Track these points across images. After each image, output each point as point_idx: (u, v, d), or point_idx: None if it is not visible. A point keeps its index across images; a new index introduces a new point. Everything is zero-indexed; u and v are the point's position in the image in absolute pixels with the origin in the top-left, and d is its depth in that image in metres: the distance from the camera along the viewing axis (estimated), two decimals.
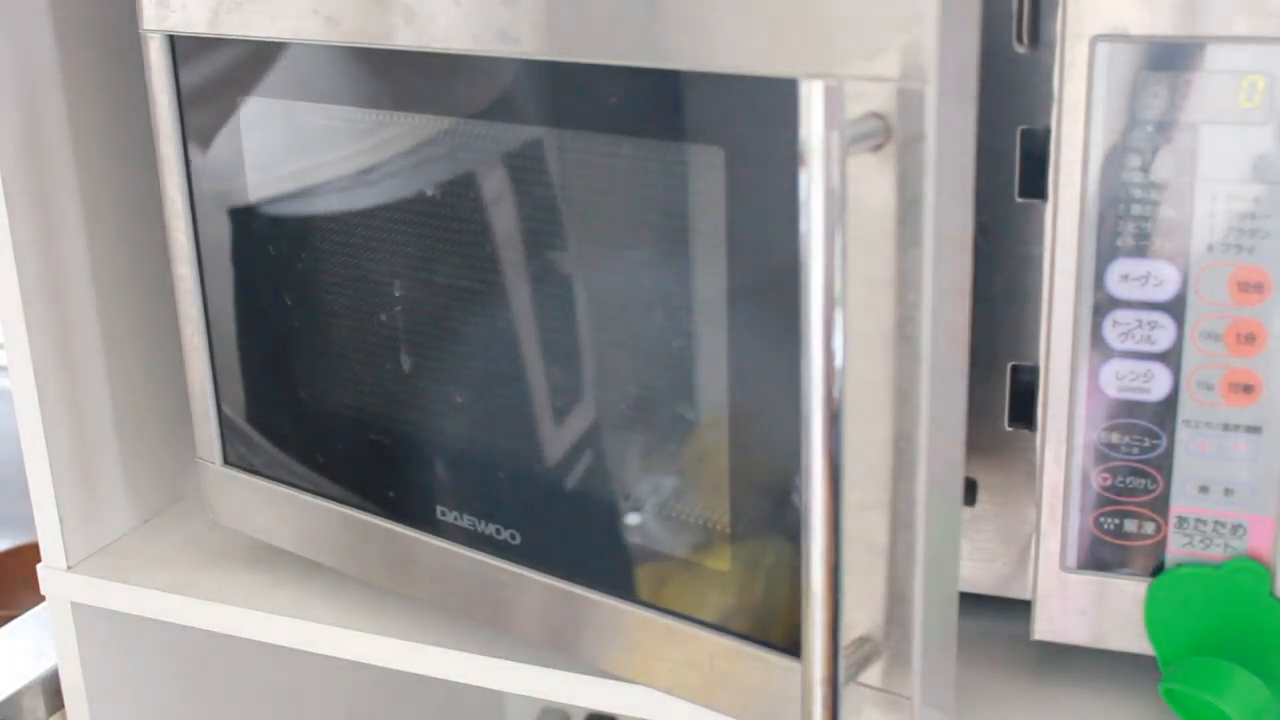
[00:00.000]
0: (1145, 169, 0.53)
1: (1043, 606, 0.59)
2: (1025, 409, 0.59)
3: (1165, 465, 0.56)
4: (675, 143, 0.53)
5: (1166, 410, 0.55)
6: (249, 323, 0.71)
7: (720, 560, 0.57)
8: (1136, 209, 0.54)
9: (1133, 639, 0.58)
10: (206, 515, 0.78)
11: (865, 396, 0.51)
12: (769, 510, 0.55)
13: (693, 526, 0.58)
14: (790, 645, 0.56)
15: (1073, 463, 0.57)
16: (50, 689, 0.87)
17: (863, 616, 0.53)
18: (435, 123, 0.60)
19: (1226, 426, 0.55)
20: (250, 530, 0.76)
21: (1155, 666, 0.58)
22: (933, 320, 0.49)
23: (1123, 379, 0.56)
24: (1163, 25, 0.51)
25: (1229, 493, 0.55)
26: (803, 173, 0.45)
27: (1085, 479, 0.57)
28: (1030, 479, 0.59)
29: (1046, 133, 0.55)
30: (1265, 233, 0.52)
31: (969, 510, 0.61)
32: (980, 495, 0.61)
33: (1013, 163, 0.56)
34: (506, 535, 0.64)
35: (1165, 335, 0.55)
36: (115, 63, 0.77)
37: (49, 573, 0.78)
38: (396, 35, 0.60)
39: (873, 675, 0.54)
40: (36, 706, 0.86)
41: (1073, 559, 0.58)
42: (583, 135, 0.56)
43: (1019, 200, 0.57)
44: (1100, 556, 0.58)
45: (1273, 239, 0.52)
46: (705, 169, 0.53)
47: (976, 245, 0.55)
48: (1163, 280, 0.54)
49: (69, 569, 0.78)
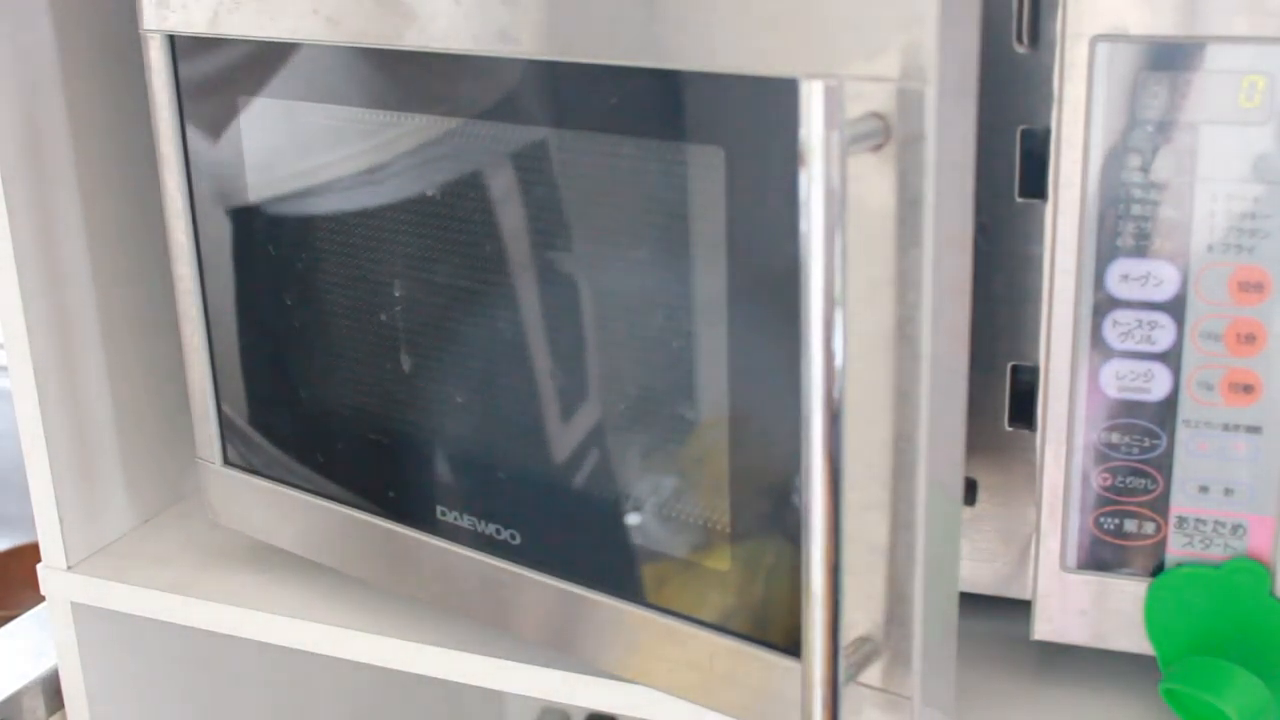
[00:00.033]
0: (1145, 169, 0.53)
1: (1043, 606, 0.59)
2: (1025, 409, 0.59)
3: (1165, 465, 0.56)
4: (675, 143, 0.53)
5: (1166, 410, 0.55)
6: (249, 323, 0.71)
7: (720, 560, 0.57)
8: (1136, 209, 0.54)
9: (1133, 639, 0.58)
10: (206, 515, 0.78)
11: (865, 396, 0.51)
12: (769, 510, 0.55)
13: (693, 526, 0.58)
14: (790, 645, 0.56)
15: (1073, 463, 0.57)
16: (50, 689, 0.87)
17: (863, 616, 0.53)
18: (435, 123, 0.60)
19: (1226, 426, 0.55)
20: (250, 530, 0.76)
21: (1155, 666, 0.58)
22: (933, 320, 0.49)
23: (1123, 379, 0.56)
24: (1163, 25, 0.51)
25: (1229, 493, 0.55)
26: (803, 173, 0.45)
27: (1085, 479, 0.57)
28: (1030, 479, 0.59)
29: (1046, 133, 0.55)
30: (1265, 233, 0.52)
31: (969, 510, 0.61)
32: (980, 495, 0.61)
33: (1013, 163, 0.56)
34: (507, 535, 0.64)
35: (1165, 335, 0.55)
36: (115, 63, 0.77)
37: (49, 573, 0.78)
38: (397, 35, 0.60)
39: (873, 675, 0.54)
40: (36, 706, 0.86)
41: (1073, 559, 0.58)
42: (582, 135, 0.56)
43: (1019, 200, 0.57)
44: (1100, 556, 0.58)
45: (1273, 239, 0.52)
46: (705, 169, 0.53)
47: (976, 245, 0.55)
48: (1163, 280, 0.54)
49: (69, 569, 0.77)
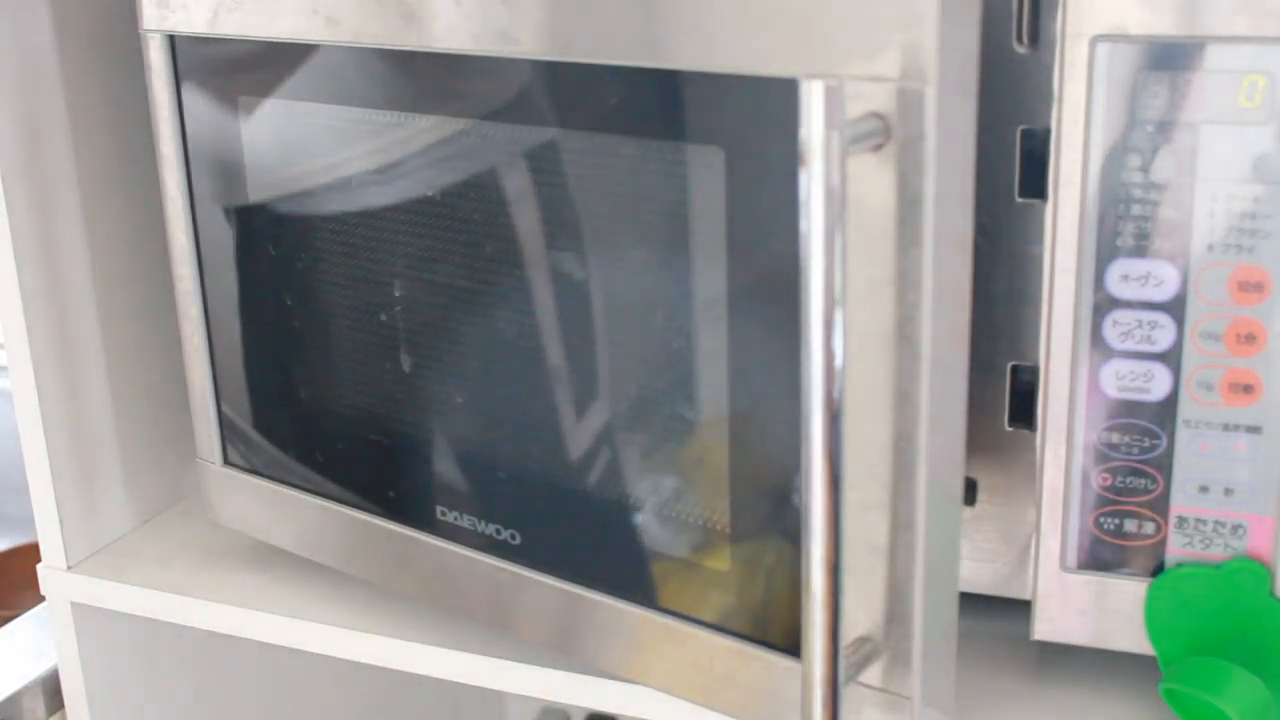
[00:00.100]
0: (1145, 169, 0.53)
1: (1043, 606, 0.59)
2: (1025, 409, 0.59)
3: (1165, 465, 0.56)
4: (675, 143, 0.53)
5: (1166, 410, 0.55)
6: (249, 323, 0.71)
7: (720, 560, 0.57)
8: (1136, 209, 0.54)
9: (1133, 639, 0.58)
10: (206, 515, 0.78)
11: (865, 396, 0.51)
12: (769, 510, 0.55)
13: (693, 526, 0.58)
14: (790, 645, 0.56)
15: (1073, 463, 0.57)
16: (50, 689, 0.87)
17: (863, 616, 0.53)
18: (435, 123, 0.60)
19: (1226, 426, 0.55)
20: (250, 530, 0.76)
21: (1155, 666, 0.58)
22: (933, 320, 0.49)
23: (1123, 379, 0.56)
24: (1163, 25, 0.51)
25: (1229, 493, 0.55)
26: (803, 173, 0.45)
27: (1085, 479, 0.57)
28: (1030, 479, 0.59)
29: (1046, 133, 0.55)
30: (1265, 233, 0.52)
31: (969, 510, 0.61)
32: (980, 495, 0.61)
33: (1013, 163, 0.56)
34: (507, 535, 0.64)
35: (1165, 335, 0.55)
36: (115, 63, 0.77)
37: (49, 573, 0.78)
38: (397, 36, 0.60)
39: (873, 675, 0.54)
40: (36, 706, 0.86)
41: (1073, 559, 0.58)
42: (582, 135, 0.56)
43: (1019, 200, 0.57)
44: (1100, 556, 0.58)
45: (1273, 239, 0.52)
46: (705, 169, 0.53)
47: (976, 245, 0.55)
48: (1163, 280, 0.54)
49: (69, 569, 0.77)
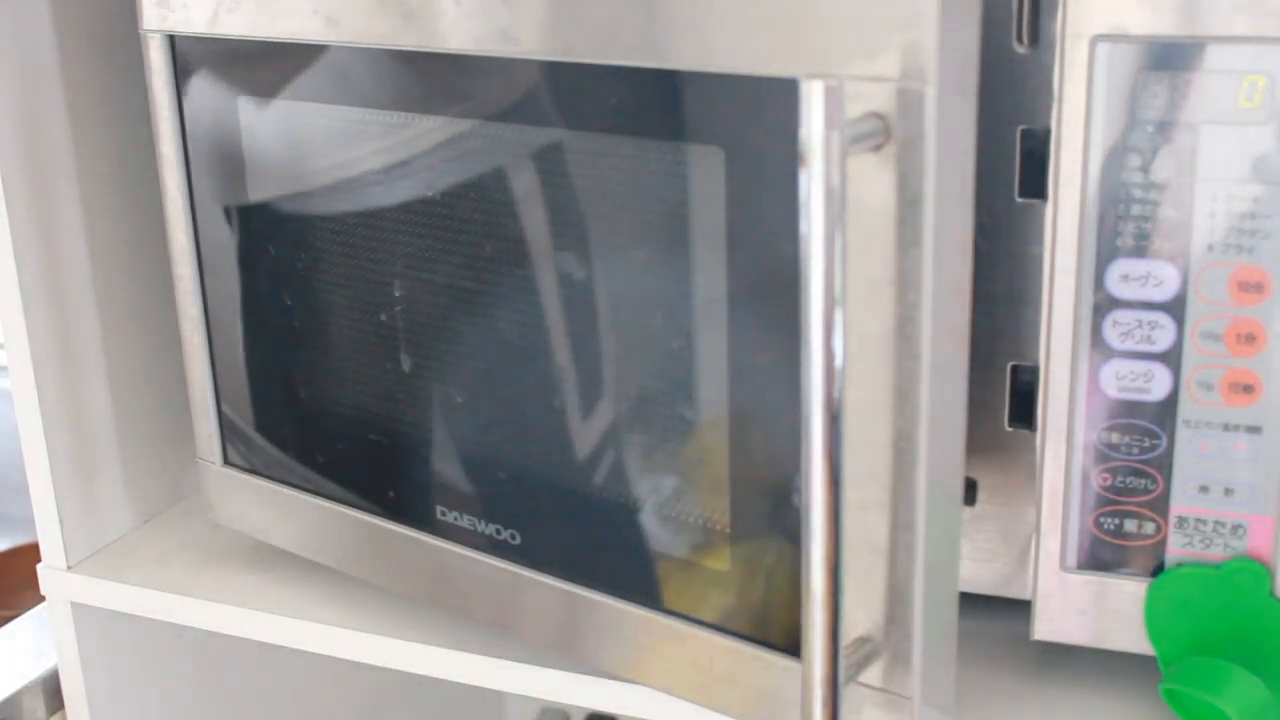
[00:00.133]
0: (1145, 169, 0.53)
1: (1043, 606, 0.59)
2: (1025, 409, 0.59)
3: (1165, 465, 0.56)
4: (675, 143, 0.53)
5: (1166, 410, 0.55)
6: (249, 323, 0.71)
7: (720, 560, 0.57)
8: (1136, 209, 0.54)
9: (1133, 639, 0.58)
10: (206, 515, 0.78)
11: (865, 396, 0.51)
12: (769, 510, 0.55)
13: (693, 526, 0.58)
14: (790, 645, 0.56)
15: (1073, 463, 0.57)
16: (50, 689, 0.87)
17: (863, 616, 0.53)
18: (435, 123, 0.60)
19: (1226, 426, 0.55)
20: (250, 530, 0.76)
21: (1155, 666, 0.58)
22: (933, 320, 0.49)
23: (1123, 379, 0.56)
24: (1163, 25, 0.51)
25: (1229, 493, 0.55)
26: (803, 173, 0.45)
27: (1085, 479, 0.57)
28: (1030, 479, 0.59)
29: (1046, 133, 0.55)
30: (1265, 233, 0.52)
31: (969, 510, 0.61)
32: (980, 495, 0.61)
33: (1013, 163, 0.56)
34: (506, 535, 0.64)
35: (1165, 335, 0.55)
36: (115, 63, 0.77)
37: (49, 573, 0.78)
38: (397, 36, 0.60)
39: (873, 675, 0.54)
40: (36, 707, 0.86)
41: (1073, 559, 0.58)
42: (582, 135, 0.56)
43: (1019, 200, 0.57)
44: (1100, 556, 0.58)
45: (1273, 239, 0.52)
46: (705, 169, 0.53)
47: (976, 245, 0.55)
48: (1163, 280, 0.54)
49: (69, 569, 0.77)
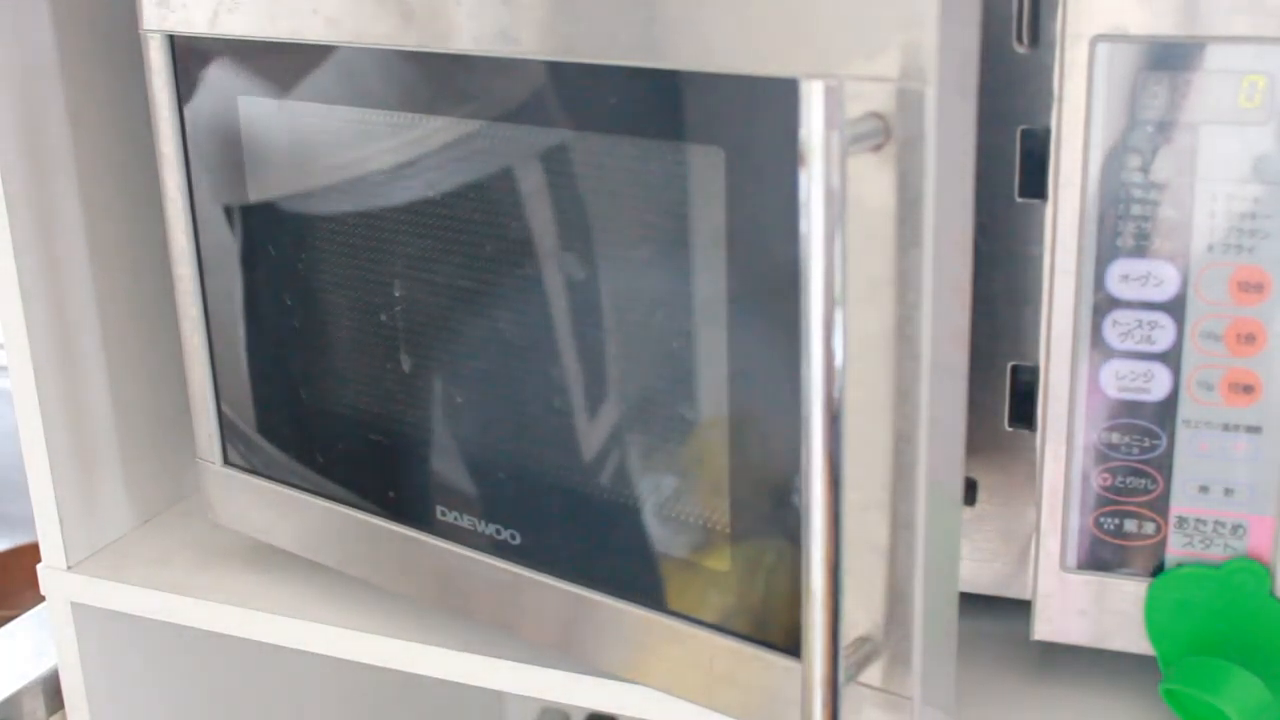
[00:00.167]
0: (1145, 169, 0.53)
1: (1043, 606, 0.59)
2: (1025, 409, 0.59)
3: (1165, 465, 0.56)
4: (675, 143, 0.53)
5: (1166, 410, 0.55)
6: (249, 323, 0.71)
7: (720, 560, 0.57)
8: (1136, 209, 0.54)
9: (1133, 639, 0.58)
10: (206, 515, 0.78)
11: (865, 396, 0.51)
12: (769, 510, 0.55)
13: (693, 526, 0.58)
14: (790, 645, 0.56)
15: (1073, 463, 0.57)
16: (50, 689, 0.87)
17: (863, 616, 0.53)
18: (435, 123, 0.60)
19: (1226, 426, 0.55)
20: (250, 530, 0.76)
21: (1155, 666, 0.58)
22: (933, 320, 0.49)
23: (1123, 379, 0.56)
24: (1163, 25, 0.51)
25: (1229, 493, 0.55)
26: (803, 173, 0.45)
27: (1085, 479, 0.57)
28: (1030, 479, 0.59)
29: (1046, 133, 0.55)
30: (1265, 233, 0.52)
31: (969, 510, 0.61)
32: (980, 495, 0.61)
33: (1013, 163, 0.56)
34: (506, 535, 0.64)
35: (1165, 335, 0.55)
36: (115, 63, 0.77)
37: (49, 573, 0.78)
38: (396, 36, 0.60)
39: (873, 675, 0.54)
40: (36, 707, 0.86)
41: (1073, 559, 0.58)
42: (582, 135, 0.56)
43: (1019, 200, 0.57)
44: (1100, 556, 0.58)
45: (1273, 239, 0.52)
46: (705, 169, 0.53)
47: (976, 245, 0.55)
48: (1163, 280, 0.54)
49: (69, 569, 0.77)
